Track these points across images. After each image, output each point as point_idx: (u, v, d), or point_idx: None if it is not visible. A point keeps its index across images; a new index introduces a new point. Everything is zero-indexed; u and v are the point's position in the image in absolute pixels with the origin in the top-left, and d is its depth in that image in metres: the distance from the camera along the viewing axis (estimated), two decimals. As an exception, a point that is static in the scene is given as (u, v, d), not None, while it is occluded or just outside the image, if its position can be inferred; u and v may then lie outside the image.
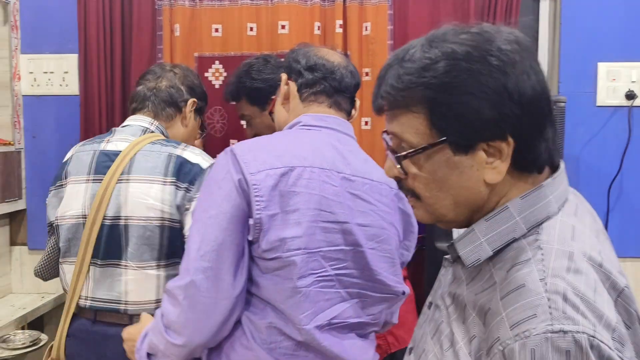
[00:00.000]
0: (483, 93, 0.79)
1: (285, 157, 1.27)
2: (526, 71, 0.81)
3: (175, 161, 1.67)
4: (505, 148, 0.81)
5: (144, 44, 2.61)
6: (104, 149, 1.74)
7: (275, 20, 2.55)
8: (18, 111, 2.71)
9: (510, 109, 0.79)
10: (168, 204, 1.64)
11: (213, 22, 2.58)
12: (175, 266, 1.62)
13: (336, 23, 2.55)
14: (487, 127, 0.80)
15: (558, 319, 0.71)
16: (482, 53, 0.80)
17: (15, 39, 2.68)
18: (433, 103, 0.81)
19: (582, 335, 0.69)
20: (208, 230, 1.23)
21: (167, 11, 2.59)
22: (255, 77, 1.98)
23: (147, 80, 1.87)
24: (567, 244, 0.79)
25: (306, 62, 1.46)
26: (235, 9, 2.57)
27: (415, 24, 2.57)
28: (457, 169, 0.83)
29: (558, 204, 0.84)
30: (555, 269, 0.75)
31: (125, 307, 1.67)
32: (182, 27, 2.58)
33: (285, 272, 1.25)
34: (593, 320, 0.71)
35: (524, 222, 0.83)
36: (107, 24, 2.59)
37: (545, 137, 0.83)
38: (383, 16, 2.56)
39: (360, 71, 2.56)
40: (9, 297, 2.72)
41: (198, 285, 1.23)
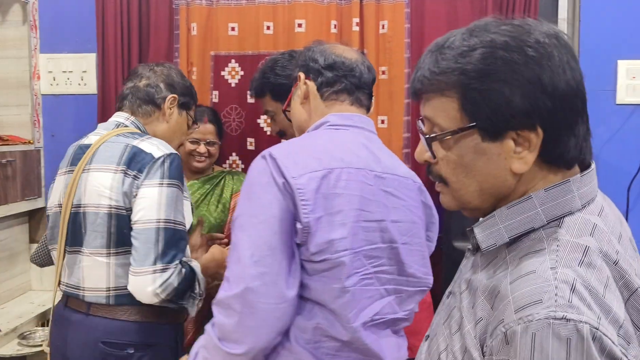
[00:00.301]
0: (516, 82, 0.80)
1: (323, 159, 1.28)
2: (562, 66, 0.81)
3: (130, 151, 1.69)
4: (534, 139, 0.81)
5: (161, 43, 2.63)
6: (82, 143, 1.81)
7: (291, 18, 2.55)
8: (37, 110, 2.74)
9: (542, 101, 0.80)
10: (115, 191, 1.65)
11: (230, 20, 2.58)
12: (127, 255, 1.65)
13: (353, 21, 2.55)
14: (517, 116, 0.81)
15: (562, 307, 0.71)
16: (519, 43, 0.81)
17: (34, 38, 2.71)
18: (466, 88, 0.83)
19: (585, 325, 0.70)
20: (260, 235, 1.22)
21: (184, 10, 2.60)
22: (279, 72, 1.98)
23: (129, 80, 1.92)
24: (584, 238, 0.80)
25: (324, 60, 1.46)
26: (252, 7, 2.57)
27: (432, 21, 2.55)
28: (485, 156, 0.85)
29: (583, 201, 0.85)
30: (567, 260, 0.77)
31: (83, 293, 1.70)
32: (198, 26, 2.59)
33: (333, 272, 1.26)
34: (598, 313, 0.72)
35: (544, 214, 0.84)
36: (124, 23, 2.61)
37: (576, 134, 0.83)
38: (400, 14, 2.55)
39: (377, 69, 2.55)
40: (29, 294, 2.75)
41: (256, 292, 1.21)
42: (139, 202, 1.64)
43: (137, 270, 1.61)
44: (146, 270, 1.60)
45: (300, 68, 1.51)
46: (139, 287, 1.61)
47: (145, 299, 1.63)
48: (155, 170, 1.65)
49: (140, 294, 1.62)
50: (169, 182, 1.66)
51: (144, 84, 1.88)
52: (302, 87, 1.49)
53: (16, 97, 2.71)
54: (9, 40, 2.71)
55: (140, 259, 1.61)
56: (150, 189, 1.64)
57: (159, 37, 2.62)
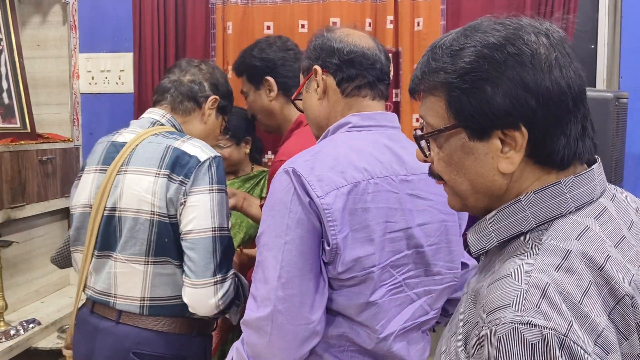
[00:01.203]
0: (498, 80, 0.80)
1: (347, 171, 1.24)
2: (549, 64, 0.80)
3: (171, 153, 1.60)
4: (519, 138, 0.81)
5: (197, 42, 2.65)
6: (115, 141, 1.71)
7: (326, 17, 2.55)
8: (76, 109, 2.79)
9: (524, 99, 0.79)
10: (158, 197, 1.57)
11: (265, 19, 2.60)
12: (165, 265, 1.58)
13: (387, 19, 2.53)
14: (500, 115, 0.80)
15: (529, 311, 0.69)
16: (502, 42, 0.81)
17: (74, 38, 2.77)
18: (450, 87, 0.83)
19: (551, 332, 0.68)
20: (286, 256, 1.19)
21: (220, 9, 2.62)
22: (255, 55, 1.93)
23: (172, 73, 1.83)
24: (568, 242, 0.77)
25: (343, 55, 1.37)
26: (287, 6, 2.58)
27: (468, 18, 2.50)
28: (472, 155, 0.85)
29: (577, 203, 0.82)
30: (544, 264, 0.75)
31: (115, 300, 1.62)
32: (234, 25, 2.61)
33: (359, 288, 1.24)
34: (570, 320, 0.69)
35: (533, 217, 0.83)
36: (161, 22, 2.64)
37: (567, 133, 0.82)
38: (435, 11, 2.53)
39: (412, 67, 2.53)
40: (67, 289, 2.81)
41: (285, 314, 1.19)
42: (190, 210, 1.56)
43: (196, 282, 1.54)
44: (207, 282, 1.54)
45: (315, 61, 1.41)
46: (200, 299, 1.54)
47: (205, 311, 1.56)
48: (203, 175, 1.58)
49: (200, 307, 1.55)
50: (218, 187, 1.59)
51: (188, 79, 1.80)
52: (320, 82, 1.39)
53: (56, 96, 2.77)
54: (49, 40, 2.77)
55: (200, 271, 1.54)
56: (201, 196, 1.57)
57: (195, 36, 2.65)
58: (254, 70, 1.92)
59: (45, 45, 2.77)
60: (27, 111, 2.59)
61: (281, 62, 1.92)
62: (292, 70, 1.91)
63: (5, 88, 2.50)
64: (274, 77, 1.91)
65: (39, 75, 2.75)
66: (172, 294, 1.60)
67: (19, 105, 2.57)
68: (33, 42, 2.75)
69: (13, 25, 2.59)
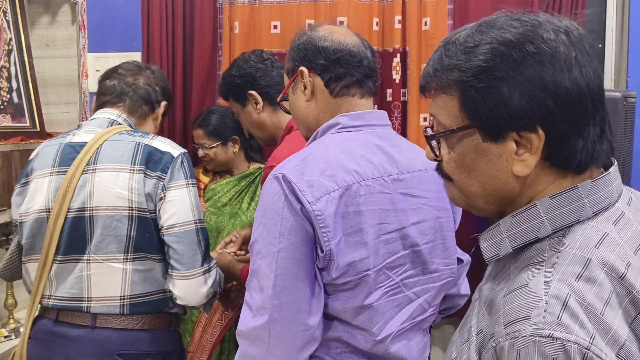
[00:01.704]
0: (515, 80, 0.76)
1: (338, 175, 1.21)
2: (569, 63, 0.77)
3: (143, 150, 1.60)
4: (535, 141, 0.77)
5: (205, 42, 2.67)
6: (70, 142, 1.66)
7: (334, 16, 2.55)
8: (85, 108, 2.81)
9: (542, 100, 0.76)
10: (136, 192, 1.56)
11: (272, 19, 2.60)
12: (143, 261, 1.58)
13: (395, 18, 2.54)
14: (516, 116, 0.77)
15: (550, 324, 0.67)
16: (521, 40, 0.77)
17: (82, 38, 2.78)
18: (465, 86, 0.80)
19: (574, 345, 0.66)
20: (281, 263, 1.18)
21: (227, 9, 2.63)
22: (234, 73, 1.97)
23: (121, 75, 1.78)
24: (588, 250, 0.74)
25: (330, 54, 1.33)
26: (294, 5, 2.59)
27: (475, 18, 2.49)
28: (486, 157, 0.81)
29: (594, 208, 0.79)
30: (564, 274, 0.72)
31: (88, 304, 1.57)
32: (241, 25, 2.62)
33: (353, 292, 1.22)
34: (592, 332, 0.67)
35: (550, 223, 0.79)
36: (169, 22, 2.66)
37: (585, 135, 0.78)
38: (443, 11, 2.53)
39: (419, 67, 2.53)
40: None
41: (282, 321, 1.18)
42: (171, 205, 1.58)
43: (187, 273, 1.57)
44: (197, 272, 1.57)
45: (300, 62, 1.37)
46: (191, 289, 1.58)
47: (196, 301, 1.60)
48: (179, 171, 1.61)
49: (192, 297, 1.59)
50: (192, 181, 1.63)
51: (143, 82, 1.79)
52: (307, 84, 1.36)
53: (65, 95, 2.79)
54: (59, 40, 2.79)
55: (189, 262, 1.57)
56: (180, 191, 1.59)
57: (203, 35, 2.66)
58: (236, 89, 1.95)
59: (55, 44, 2.79)
60: (36, 110, 2.61)
61: (259, 73, 1.94)
62: (272, 78, 1.94)
63: (15, 87, 2.52)
64: (256, 90, 1.93)
65: (48, 74, 2.77)
66: (151, 289, 1.60)
67: (28, 104, 2.59)
68: (42, 42, 2.77)
69: (22, 25, 2.61)
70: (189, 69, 2.69)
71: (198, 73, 2.67)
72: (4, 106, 2.44)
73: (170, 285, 1.60)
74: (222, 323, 2.23)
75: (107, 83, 1.78)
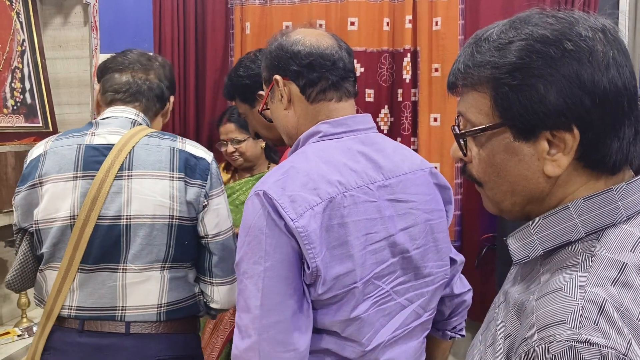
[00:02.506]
0: (552, 78, 0.74)
1: (321, 187, 1.17)
2: (606, 62, 0.75)
3: (179, 156, 1.56)
4: (569, 140, 0.76)
5: (217, 43, 2.68)
6: (91, 143, 1.55)
7: (344, 16, 2.56)
8: (97, 108, 2.82)
9: (580, 99, 0.74)
10: (178, 201, 1.52)
11: (284, 19, 2.61)
12: (179, 268, 1.56)
13: (406, 19, 2.54)
14: (551, 115, 0.75)
15: (587, 329, 0.65)
16: (558, 37, 0.75)
17: (95, 39, 2.80)
18: (498, 83, 0.78)
19: (611, 351, 0.64)
20: (267, 282, 1.14)
21: (239, 10, 2.65)
22: (242, 74, 1.88)
23: (133, 71, 1.68)
24: (624, 254, 0.73)
25: (301, 59, 1.29)
26: (305, 6, 2.59)
27: (487, 17, 2.52)
28: (517, 156, 0.80)
29: (628, 212, 0.77)
30: (600, 278, 0.70)
31: (123, 313, 1.51)
32: (252, 25, 2.63)
33: (340, 304, 1.19)
34: (629, 338, 0.65)
35: (582, 225, 0.77)
36: (181, 23, 2.67)
37: (620, 136, 0.76)
38: (454, 10, 2.52)
39: (430, 67, 2.53)
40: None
41: (270, 342, 1.14)
42: (215, 213, 1.57)
43: (228, 279, 1.60)
44: (234, 277, 1.57)
45: (274, 70, 1.33)
46: (232, 295, 1.60)
47: (230, 305, 1.63)
48: (216, 178, 1.60)
49: (229, 302, 1.62)
50: (223, 187, 1.64)
51: (154, 79, 1.70)
52: (283, 91, 1.32)
53: (78, 96, 2.80)
54: (71, 40, 2.80)
55: (230, 268, 1.59)
56: (219, 198, 1.59)
57: (215, 36, 2.68)
58: (245, 90, 1.87)
59: (67, 45, 2.80)
60: (49, 111, 2.64)
61: None
62: None
63: (28, 88, 2.54)
64: None
65: (61, 75, 2.79)
66: (185, 295, 1.59)
67: (41, 105, 2.61)
68: (55, 43, 2.79)
69: (35, 26, 2.63)
70: (201, 70, 2.71)
71: (211, 73, 2.68)
72: (18, 107, 2.46)
73: (208, 291, 1.61)
74: (233, 321, 2.24)
75: (118, 78, 1.67)
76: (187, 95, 2.68)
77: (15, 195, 1.58)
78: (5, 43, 2.44)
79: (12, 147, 2.28)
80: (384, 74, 2.61)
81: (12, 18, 2.50)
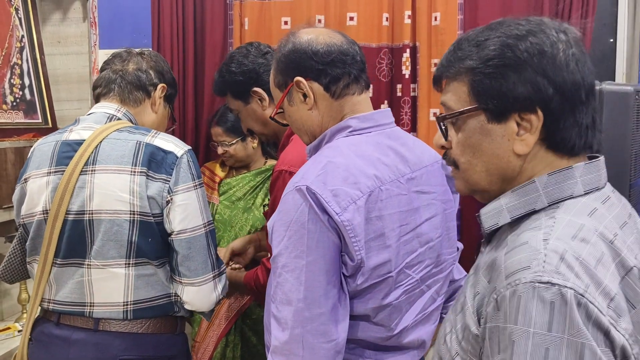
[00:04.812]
0: (520, 67, 0.87)
1: (360, 181, 1.21)
2: (567, 57, 0.88)
3: (144, 149, 1.51)
4: (535, 121, 0.87)
5: (216, 39, 2.68)
6: (66, 139, 1.56)
7: (343, 12, 2.56)
8: (96, 104, 2.82)
9: (543, 86, 0.86)
10: (138, 196, 1.48)
11: (282, 15, 2.61)
12: (145, 266, 1.52)
13: (405, 14, 2.53)
14: (520, 99, 0.87)
15: (549, 272, 0.74)
16: (527, 34, 0.89)
17: (93, 35, 2.80)
18: (474, 72, 0.90)
19: (570, 290, 0.73)
20: (310, 276, 1.17)
21: (238, 5, 2.65)
22: (234, 70, 1.85)
23: (112, 63, 1.69)
24: (582, 217, 0.83)
25: (323, 57, 1.31)
26: (304, 1, 2.59)
27: (486, 13, 2.51)
28: (490, 137, 0.91)
29: (586, 188, 0.88)
30: (561, 234, 0.80)
31: (91, 309, 1.52)
32: (250, 21, 2.63)
33: (373, 292, 1.23)
34: (587, 282, 0.74)
35: (546, 197, 0.88)
36: (179, 19, 2.67)
37: (578, 122, 0.89)
38: (453, 6, 2.52)
39: (429, 62, 2.53)
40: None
41: (314, 333, 1.17)
42: (180, 209, 1.51)
43: (196, 280, 1.53)
44: (207, 278, 1.54)
45: (293, 72, 1.34)
46: (202, 296, 1.55)
47: (206, 307, 1.58)
48: (185, 172, 1.52)
49: (202, 304, 1.56)
50: (199, 181, 1.56)
51: (133, 68, 1.68)
52: (308, 91, 1.33)
53: (77, 92, 2.81)
54: (70, 37, 2.81)
55: (200, 268, 1.53)
56: (188, 194, 1.52)
57: (214, 32, 2.67)
58: (238, 86, 1.85)
59: (66, 42, 2.81)
60: (48, 107, 2.64)
61: (262, 69, 1.84)
62: None
63: (27, 84, 2.54)
64: (260, 86, 1.83)
65: (60, 71, 2.80)
66: (155, 294, 1.55)
67: (40, 101, 2.61)
68: (54, 39, 2.80)
69: (34, 22, 2.63)
70: (200, 66, 2.70)
71: (209, 69, 2.68)
72: (17, 103, 2.46)
73: (178, 291, 1.56)
74: (228, 315, 2.25)
75: (100, 74, 1.70)
76: (185, 91, 2.68)
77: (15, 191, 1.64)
78: (4, 39, 2.44)
79: (12, 143, 2.29)
80: (383, 69, 2.61)
81: (11, 14, 2.50)
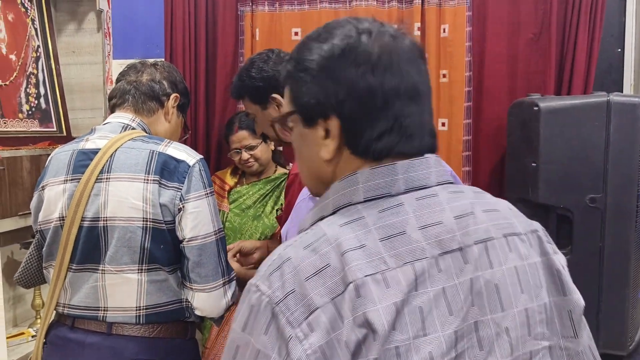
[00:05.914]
0: (312, 70, 0.87)
1: None
2: (361, 60, 0.84)
3: (157, 158, 1.55)
4: (333, 127, 0.86)
5: (227, 49, 2.72)
6: (83, 148, 1.61)
7: (353, 23, 2.59)
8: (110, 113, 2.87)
9: (333, 90, 0.85)
10: (151, 203, 1.52)
11: (293, 25, 2.65)
12: (158, 271, 1.55)
13: (414, 26, 2.57)
14: (313, 103, 0.87)
15: (261, 278, 0.80)
16: (324, 35, 0.89)
17: (107, 45, 2.85)
18: (288, 76, 0.92)
19: (265, 298, 0.77)
20: None
21: (249, 16, 2.68)
22: (255, 75, 1.85)
23: (127, 75, 1.75)
24: (332, 227, 0.82)
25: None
26: (314, 12, 2.63)
27: (494, 24, 2.54)
28: (305, 141, 0.91)
29: (368, 194, 0.85)
30: (300, 242, 0.82)
31: (104, 314, 1.56)
32: (261, 32, 2.67)
33: None
34: (288, 292, 0.76)
35: (332, 204, 0.88)
36: (192, 29, 2.71)
37: (377, 128, 0.85)
38: (461, 18, 2.55)
39: (438, 73, 2.56)
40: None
41: None
42: (192, 217, 1.54)
43: (207, 286, 1.56)
44: (217, 284, 1.57)
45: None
46: (213, 303, 1.58)
47: (216, 313, 1.61)
48: (197, 180, 1.56)
49: (212, 310, 1.59)
50: (210, 190, 1.59)
51: (146, 79, 1.73)
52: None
53: (91, 101, 2.85)
54: (84, 47, 2.85)
55: (210, 275, 1.56)
56: (200, 202, 1.55)
57: (225, 42, 2.71)
58: (257, 92, 1.86)
59: (81, 52, 2.85)
60: (63, 116, 2.68)
61: None
62: None
63: (42, 93, 2.59)
64: (279, 93, 1.83)
65: (74, 81, 2.84)
66: (166, 300, 1.58)
67: (55, 110, 2.66)
68: (69, 49, 2.84)
69: (50, 32, 2.68)
70: (211, 76, 2.74)
71: (221, 79, 2.72)
72: (32, 111, 2.51)
73: (189, 297, 1.59)
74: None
75: (115, 85, 1.76)
76: (197, 101, 2.71)
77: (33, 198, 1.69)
78: (21, 49, 2.48)
79: (28, 152, 2.33)
80: (392, 79, 2.64)
81: (27, 25, 2.55)
